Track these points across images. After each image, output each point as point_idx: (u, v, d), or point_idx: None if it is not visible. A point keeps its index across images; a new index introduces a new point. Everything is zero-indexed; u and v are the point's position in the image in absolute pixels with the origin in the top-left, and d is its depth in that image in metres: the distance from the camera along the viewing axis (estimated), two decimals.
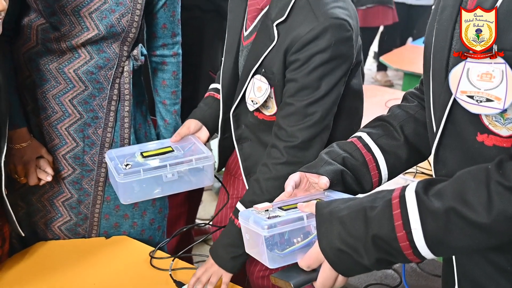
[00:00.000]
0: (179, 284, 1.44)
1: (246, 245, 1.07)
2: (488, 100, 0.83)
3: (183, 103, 1.80)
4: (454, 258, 1.01)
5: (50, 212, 1.64)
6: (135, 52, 1.57)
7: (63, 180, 1.62)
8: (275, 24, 1.35)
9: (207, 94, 1.70)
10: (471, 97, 0.85)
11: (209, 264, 1.44)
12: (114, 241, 1.66)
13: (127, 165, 1.45)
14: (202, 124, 1.62)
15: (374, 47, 6.31)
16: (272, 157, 1.39)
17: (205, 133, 1.62)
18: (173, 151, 1.53)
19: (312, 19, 1.30)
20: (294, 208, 1.05)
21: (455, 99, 0.88)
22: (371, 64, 6.43)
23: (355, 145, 1.16)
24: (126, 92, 1.58)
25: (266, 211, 1.04)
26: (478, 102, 0.84)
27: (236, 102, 1.49)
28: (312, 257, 0.95)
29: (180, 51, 1.70)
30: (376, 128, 1.19)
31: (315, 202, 0.98)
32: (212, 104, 1.64)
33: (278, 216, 1.02)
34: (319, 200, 1.01)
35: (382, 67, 5.97)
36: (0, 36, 1.16)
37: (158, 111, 1.72)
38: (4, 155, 1.34)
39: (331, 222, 0.92)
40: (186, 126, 1.60)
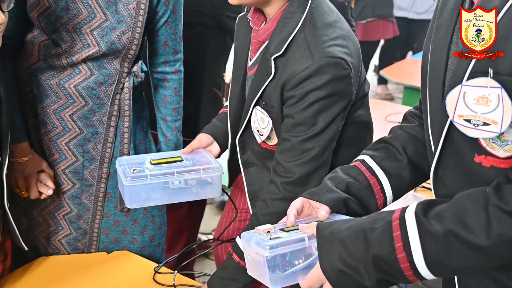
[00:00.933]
0: None
1: (248, 266, 1.07)
2: (485, 123, 0.84)
3: (187, 118, 1.80)
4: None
5: (51, 225, 1.64)
6: (135, 68, 1.58)
7: (63, 195, 1.62)
8: (273, 58, 1.34)
9: (221, 110, 1.71)
10: (468, 120, 0.85)
11: None
12: (116, 256, 1.66)
13: (135, 169, 1.46)
14: (213, 139, 1.63)
15: (375, 61, 6.33)
16: (270, 192, 1.39)
17: (216, 148, 1.63)
18: (182, 160, 1.54)
19: (308, 57, 1.29)
20: (295, 229, 1.05)
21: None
22: (371, 78, 6.44)
23: (358, 168, 1.16)
24: (126, 108, 1.58)
25: (267, 232, 1.04)
26: (475, 126, 0.85)
27: (241, 129, 1.50)
28: (313, 278, 0.95)
29: (182, 68, 1.70)
30: (378, 150, 1.19)
31: (316, 223, 0.98)
32: (224, 120, 1.64)
33: (280, 237, 1.02)
34: (320, 221, 1.01)
35: (382, 81, 5.99)
36: (4, 52, 1.18)
37: (160, 127, 1.73)
38: (6, 168, 1.34)
39: (332, 243, 0.92)
40: (197, 140, 1.61)
